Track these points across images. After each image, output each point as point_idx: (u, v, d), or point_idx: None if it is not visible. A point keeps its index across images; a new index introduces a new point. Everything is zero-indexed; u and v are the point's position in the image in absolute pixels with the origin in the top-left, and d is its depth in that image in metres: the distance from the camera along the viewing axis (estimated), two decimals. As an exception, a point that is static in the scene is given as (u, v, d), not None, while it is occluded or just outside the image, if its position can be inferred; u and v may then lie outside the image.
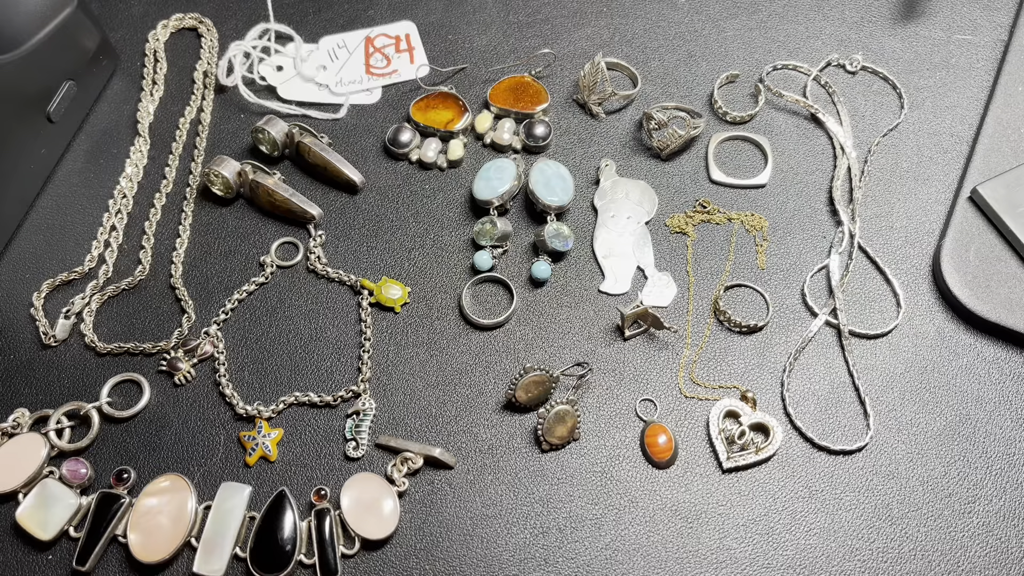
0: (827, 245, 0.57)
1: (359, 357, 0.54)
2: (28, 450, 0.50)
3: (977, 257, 0.54)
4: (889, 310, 0.54)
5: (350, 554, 0.48)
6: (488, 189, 0.57)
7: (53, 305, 0.56)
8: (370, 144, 0.61)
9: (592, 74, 0.60)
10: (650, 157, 0.60)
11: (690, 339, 0.54)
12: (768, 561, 0.47)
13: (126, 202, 0.59)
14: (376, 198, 0.59)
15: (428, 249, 0.57)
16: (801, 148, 0.60)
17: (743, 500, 0.49)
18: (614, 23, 0.66)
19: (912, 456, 0.50)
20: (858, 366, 0.53)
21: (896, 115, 0.62)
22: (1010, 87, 0.61)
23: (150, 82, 0.64)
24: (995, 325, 0.52)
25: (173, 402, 0.52)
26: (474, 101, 0.63)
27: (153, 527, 0.47)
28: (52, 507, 0.48)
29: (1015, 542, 0.47)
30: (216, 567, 0.47)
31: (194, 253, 0.58)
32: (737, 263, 0.56)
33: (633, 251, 0.57)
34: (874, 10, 0.67)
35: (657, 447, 0.50)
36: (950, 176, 0.59)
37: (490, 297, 0.56)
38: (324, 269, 0.56)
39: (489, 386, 0.53)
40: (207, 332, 0.54)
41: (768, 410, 0.51)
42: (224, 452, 0.51)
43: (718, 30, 0.66)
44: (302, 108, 0.62)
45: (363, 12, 0.67)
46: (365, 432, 0.51)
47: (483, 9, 0.67)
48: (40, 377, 0.53)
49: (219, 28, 0.67)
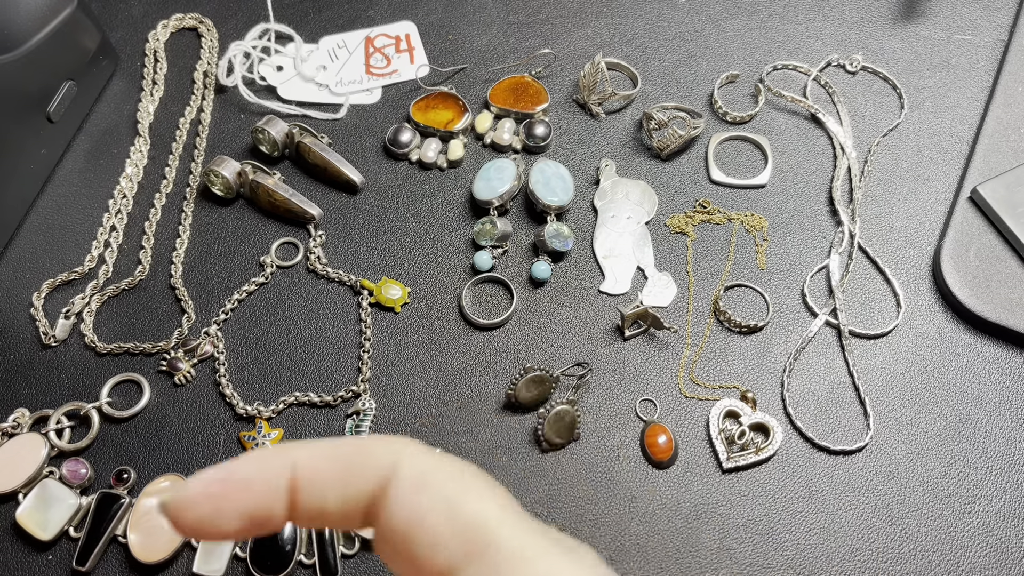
0: (827, 245, 0.57)
1: (359, 357, 0.54)
2: (28, 450, 0.50)
3: (977, 257, 0.54)
4: (889, 310, 0.54)
5: (350, 554, 0.48)
6: (488, 189, 0.57)
7: (53, 305, 0.56)
8: (370, 144, 0.61)
9: (592, 74, 0.60)
10: (650, 157, 0.60)
11: (690, 339, 0.54)
12: (768, 561, 0.47)
13: (126, 202, 0.59)
14: (376, 198, 0.59)
15: (428, 249, 0.57)
16: (801, 148, 0.60)
17: (743, 500, 0.49)
18: (614, 23, 0.66)
19: (912, 456, 0.50)
20: (858, 366, 0.53)
21: (896, 115, 0.62)
22: (1010, 87, 0.61)
23: (150, 82, 0.64)
24: (995, 325, 0.52)
25: (173, 402, 0.52)
26: (474, 101, 0.63)
27: (153, 527, 0.47)
28: (52, 507, 0.48)
29: (1015, 542, 0.47)
30: (216, 567, 0.47)
31: (194, 253, 0.58)
32: (737, 263, 0.56)
33: (633, 251, 0.57)
34: (874, 10, 0.67)
35: (657, 447, 0.50)
36: (950, 176, 0.59)
37: (490, 297, 0.56)
38: (324, 269, 0.56)
39: (489, 386, 0.53)
40: (207, 332, 0.54)
41: (768, 410, 0.51)
42: (224, 452, 0.51)
43: (718, 30, 0.66)
44: (302, 108, 0.62)
45: (363, 12, 0.67)
46: (365, 432, 0.51)
47: (483, 9, 0.67)
48: (40, 377, 0.53)
49: (219, 28, 0.67)
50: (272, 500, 0.23)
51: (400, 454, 0.23)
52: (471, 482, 0.23)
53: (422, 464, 0.23)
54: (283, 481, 0.23)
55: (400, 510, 0.22)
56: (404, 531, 0.22)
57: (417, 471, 0.23)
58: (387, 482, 0.23)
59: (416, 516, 0.22)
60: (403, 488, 0.23)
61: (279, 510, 0.23)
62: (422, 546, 0.22)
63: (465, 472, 0.24)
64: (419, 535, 0.22)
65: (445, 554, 0.22)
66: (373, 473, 0.23)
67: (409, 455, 0.23)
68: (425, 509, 0.22)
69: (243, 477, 0.23)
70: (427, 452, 0.24)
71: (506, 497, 0.24)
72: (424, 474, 0.23)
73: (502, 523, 0.22)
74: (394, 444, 0.24)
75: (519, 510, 0.23)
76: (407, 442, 0.24)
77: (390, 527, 0.22)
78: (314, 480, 0.23)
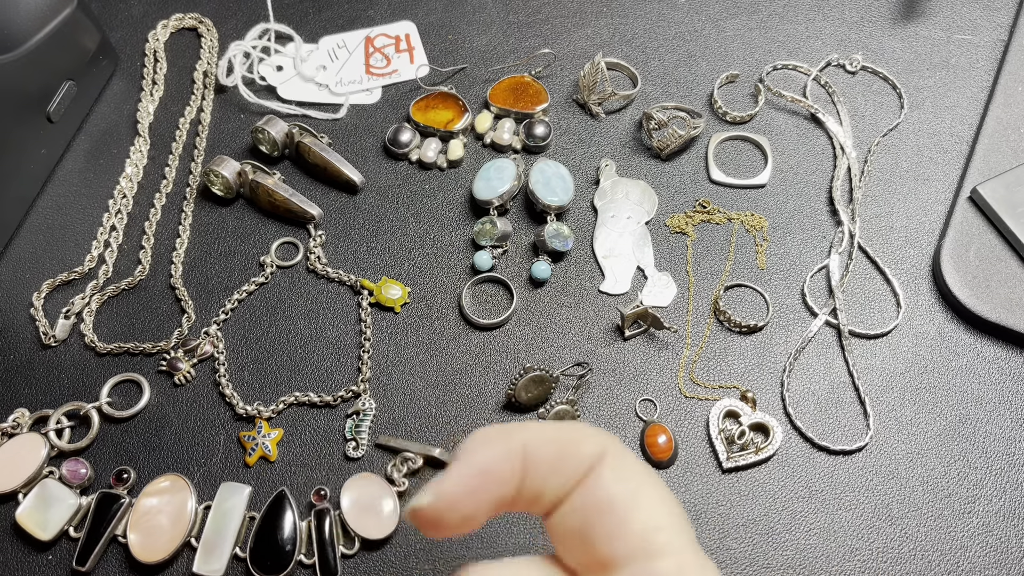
0: (827, 245, 0.57)
1: (359, 357, 0.54)
2: (28, 450, 0.50)
3: (977, 257, 0.54)
4: (889, 310, 0.54)
5: (350, 554, 0.48)
6: (488, 189, 0.57)
7: (53, 305, 0.56)
8: (370, 144, 0.61)
9: (592, 74, 0.60)
10: (650, 157, 0.60)
11: (690, 339, 0.54)
12: (768, 561, 0.47)
13: (126, 202, 0.59)
14: (376, 198, 0.59)
15: (428, 249, 0.57)
16: (801, 148, 0.60)
17: (743, 500, 0.49)
18: (614, 23, 0.66)
19: (912, 456, 0.50)
20: (858, 366, 0.53)
21: (896, 115, 0.62)
22: (1010, 87, 0.61)
23: (150, 82, 0.64)
24: (995, 325, 0.52)
25: (173, 402, 0.52)
26: (474, 101, 0.63)
27: (153, 527, 0.47)
28: (52, 507, 0.48)
29: (1015, 542, 0.47)
30: (216, 567, 0.47)
31: (194, 253, 0.58)
32: (737, 263, 0.56)
33: (633, 251, 0.57)
34: (874, 10, 0.67)
35: (657, 447, 0.50)
36: (950, 176, 0.59)
37: (490, 297, 0.56)
38: (324, 269, 0.56)
39: (489, 386, 0.53)
40: (207, 332, 0.54)
41: (768, 410, 0.51)
42: (224, 452, 0.51)
43: (718, 30, 0.66)
44: (302, 108, 0.62)
45: (363, 12, 0.67)
46: (365, 432, 0.51)
47: (483, 9, 0.67)
48: (40, 377, 0.53)
49: (219, 28, 0.67)
50: (513, 484, 0.24)
51: (606, 445, 0.25)
52: (660, 491, 0.25)
53: (625, 458, 0.24)
54: (518, 463, 0.24)
55: (596, 488, 0.23)
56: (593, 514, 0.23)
57: (620, 462, 0.24)
58: (591, 470, 0.24)
59: (608, 496, 0.23)
60: (605, 471, 0.24)
61: (512, 493, 0.24)
62: (600, 534, 0.23)
63: (658, 482, 0.25)
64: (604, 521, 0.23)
65: (620, 545, 0.23)
66: (587, 460, 0.24)
67: (614, 445, 0.25)
68: (616, 494, 0.23)
69: (488, 467, 0.24)
70: (629, 450, 0.25)
71: (683, 517, 0.25)
72: (624, 467, 0.24)
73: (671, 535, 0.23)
74: (601, 436, 0.25)
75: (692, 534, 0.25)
76: (611, 436, 0.26)
77: (583, 502, 0.23)
78: (539, 463, 0.24)
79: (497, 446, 0.24)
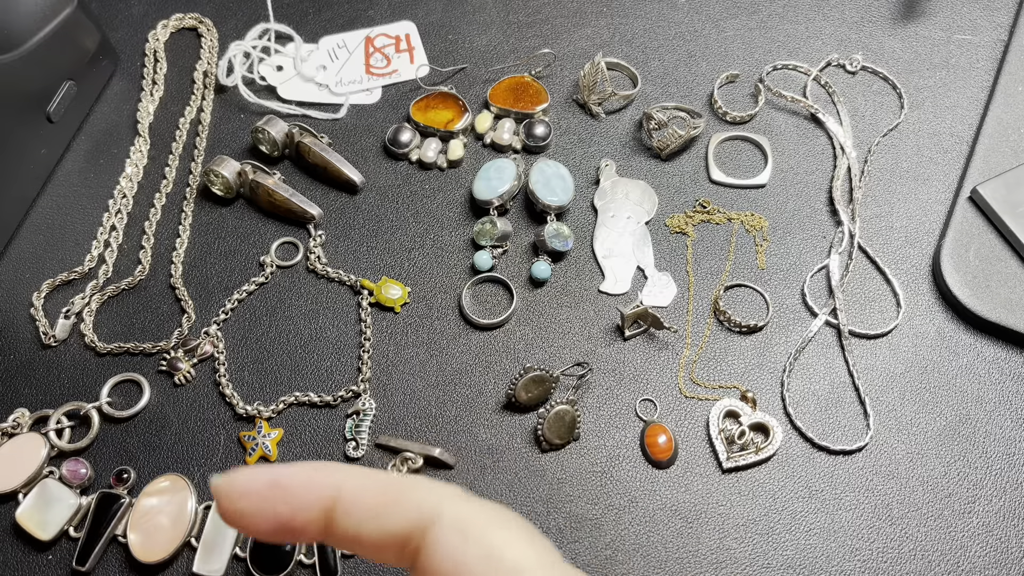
0: (827, 245, 0.57)
1: (359, 357, 0.54)
2: (28, 450, 0.50)
3: (977, 257, 0.54)
4: (889, 310, 0.54)
5: (350, 554, 0.48)
6: (488, 189, 0.57)
7: (53, 305, 0.56)
8: (370, 144, 0.61)
9: (592, 74, 0.60)
10: (650, 157, 0.60)
11: (690, 339, 0.54)
12: (768, 561, 0.47)
13: (126, 202, 0.59)
14: (376, 198, 0.59)
15: (428, 249, 0.57)
16: (801, 148, 0.60)
17: (743, 500, 0.49)
18: (614, 23, 0.66)
19: (912, 456, 0.50)
20: (858, 366, 0.53)
21: (896, 115, 0.62)
22: (1010, 87, 0.61)
23: (150, 82, 0.64)
24: (995, 325, 0.52)
25: (173, 402, 0.52)
26: (474, 101, 0.63)
27: (153, 527, 0.47)
28: (52, 507, 0.48)
29: (1015, 542, 0.47)
30: (216, 567, 0.47)
31: (194, 253, 0.58)
32: (737, 263, 0.56)
33: (633, 251, 0.57)
34: (874, 10, 0.67)
35: (657, 447, 0.50)
36: (950, 176, 0.59)
37: (490, 297, 0.56)
38: (324, 269, 0.56)
39: (489, 386, 0.53)
40: (207, 332, 0.54)
41: (768, 410, 0.51)
42: (224, 452, 0.51)
43: (718, 30, 0.66)
44: (302, 108, 0.62)
45: (363, 12, 0.67)
46: (365, 432, 0.51)
47: (483, 9, 0.67)
48: (40, 377, 0.53)
49: (219, 28, 0.67)
50: (310, 516, 0.24)
51: (442, 498, 0.24)
52: (512, 530, 0.24)
53: (464, 511, 0.24)
54: (325, 501, 0.24)
55: (442, 557, 0.23)
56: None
57: (459, 517, 0.23)
58: (426, 524, 0.23)
59: (458, 564, 0.23)
60: (445, 535, 0.23)
61: (314, 526, 0.24)
62: None
63: (506, 520, 0.24)
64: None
65: None
66: (413, 513, 0.24)
67: (451, 500, 0.24)
68: (468, 557, 0.23)
69: (289, 486, 0.24)
70: (468, 499, 0.24)
71: (545, 546, 0.24)
72: (466, 521, 0.23)
73: (540, 573, 0.23)
74: (437, 488, 0.24)
75: (559, 559, 0.24)
76: (449, 487, 0.25)
77: (431, 570, 0.23)
78: (355, 506, 0.24)
79: (311, 476, 0.24)
